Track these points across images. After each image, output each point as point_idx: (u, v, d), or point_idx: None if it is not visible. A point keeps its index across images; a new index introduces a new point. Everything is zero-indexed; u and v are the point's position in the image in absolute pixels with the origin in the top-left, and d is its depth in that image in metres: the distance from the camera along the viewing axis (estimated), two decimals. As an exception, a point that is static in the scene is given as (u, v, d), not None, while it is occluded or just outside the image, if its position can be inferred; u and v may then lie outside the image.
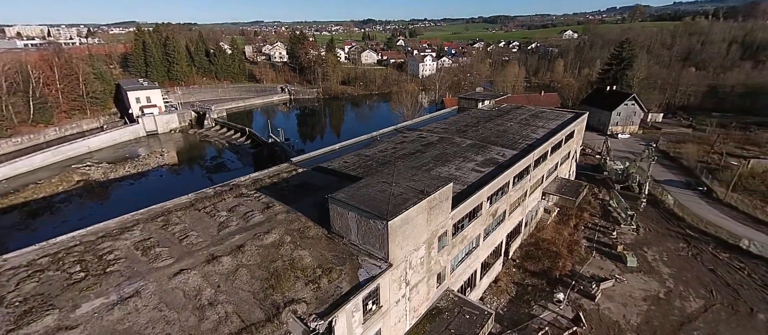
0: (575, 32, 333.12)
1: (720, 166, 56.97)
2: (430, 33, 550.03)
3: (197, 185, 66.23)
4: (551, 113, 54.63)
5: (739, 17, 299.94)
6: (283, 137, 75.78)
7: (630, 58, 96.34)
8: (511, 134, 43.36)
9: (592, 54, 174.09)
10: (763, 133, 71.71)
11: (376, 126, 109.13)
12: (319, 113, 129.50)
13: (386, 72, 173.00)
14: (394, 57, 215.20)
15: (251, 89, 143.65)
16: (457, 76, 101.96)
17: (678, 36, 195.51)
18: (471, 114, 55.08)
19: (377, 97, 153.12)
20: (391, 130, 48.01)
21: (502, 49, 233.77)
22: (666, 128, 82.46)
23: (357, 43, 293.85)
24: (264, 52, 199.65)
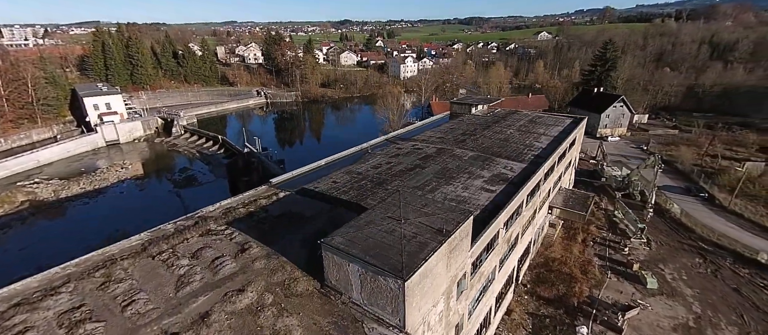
0: (549, 33, 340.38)
1: (716, 169, 55.88)
2: (408, 34, 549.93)
3: (162, 203, 59.30)
4: (549, 118, 51.71)
5: (701, 19, 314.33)
6: (260, 145, 69.73)
7: (613, 60, 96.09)
8: (513, 144, 39.77)
9: (571, 55, 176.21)
10: (748, 133, 72.07)
11: (359, 131, 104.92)
12: (298, 117, 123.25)
13: (367, 74, 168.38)
14: (374, 58, 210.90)
15: (224, 92, 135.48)
16: (442, 79, 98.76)
17: (649, 37, 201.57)
18: (465, 121, 51.39)
19: (359, 99, 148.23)
20: (382, 140, 43.47)
21: (481, 50, 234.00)
22: (652, 130, 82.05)
23: (335, 43, 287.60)
24: (237, 54, 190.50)
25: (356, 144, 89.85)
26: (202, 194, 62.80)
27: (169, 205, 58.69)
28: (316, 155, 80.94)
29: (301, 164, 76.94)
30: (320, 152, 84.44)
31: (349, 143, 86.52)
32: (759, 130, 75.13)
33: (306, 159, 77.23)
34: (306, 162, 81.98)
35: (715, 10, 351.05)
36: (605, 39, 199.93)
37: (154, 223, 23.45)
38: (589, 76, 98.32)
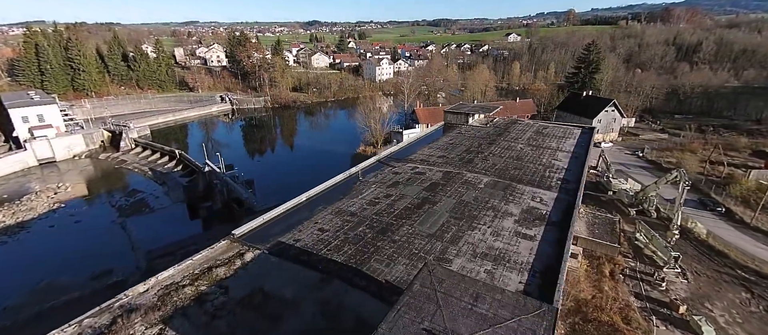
0: (519, 35, 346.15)
1: (721, 178, 52.95)
2: (378, 35, 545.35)
3: (101, 241, 48.37)
4: (556, 129, 46.38)
5: (657, 21, 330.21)
6: (223, 163, 60.17)
7: (597, 62, 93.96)
8: (530, 163, 33.65)
9: (545, 57, 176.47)
10: (738, 137, 70.96)
11: (337, 139, 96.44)
12: (268, 124, 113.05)
13: (341, 76, 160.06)
14: (348, 60, 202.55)
15: (184, 98, 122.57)
16: (424, 83, 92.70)
17: (617, 39, 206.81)
18: (465, 134, 45.03)
19: (334, 104, 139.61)
20: (374, 162, 36.11)
21: (455, 51, 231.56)
22: (642, 134, 79.91)
23: (305, 44, 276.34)
24: (199, 56, 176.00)
25: (334, 155, 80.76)
26: (153, 225, 52.84)
27: (110, 242, 48.21)
28: (290, 169, 72.06)
29: (274, 183, 66.60)
30: (295, 165, 75.76)
31: (326, 155, 78.39)
32: (748, 132, 74.65)
33: (279, 177, 68.31)
34: (280, 181, 71.35)
35: (670, 13, 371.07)
36: (576, 41, 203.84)
37: (85, 270, 14.79)
38: (572, 78, 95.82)
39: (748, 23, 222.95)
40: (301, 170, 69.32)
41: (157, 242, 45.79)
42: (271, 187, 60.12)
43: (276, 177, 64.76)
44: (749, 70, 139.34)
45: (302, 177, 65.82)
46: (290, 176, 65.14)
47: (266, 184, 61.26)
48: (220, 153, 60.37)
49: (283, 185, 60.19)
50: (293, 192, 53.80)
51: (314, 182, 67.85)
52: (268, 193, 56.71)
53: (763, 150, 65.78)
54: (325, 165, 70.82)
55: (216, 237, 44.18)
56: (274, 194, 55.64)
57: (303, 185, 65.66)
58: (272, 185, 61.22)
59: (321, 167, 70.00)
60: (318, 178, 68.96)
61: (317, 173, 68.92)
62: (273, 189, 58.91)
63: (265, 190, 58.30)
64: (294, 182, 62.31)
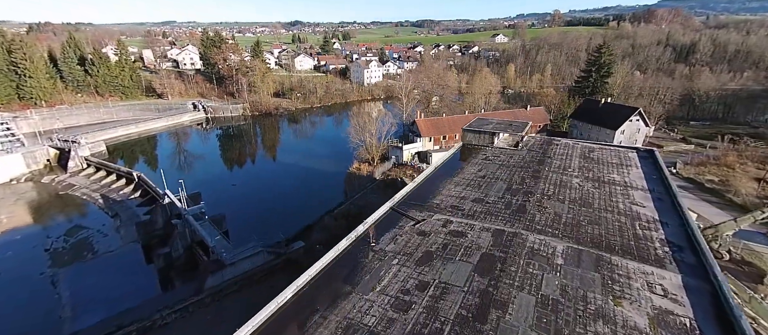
0: (506, 36, 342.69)
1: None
2: (363, 36, 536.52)
3: (20, 306, 36.43)
4: (604, 152, 37.27)
5: (641, 22, 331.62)
6: (184, 195, 48.78)
7: (609, 65, 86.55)
8: (605, 212, 24.16)
9: (540, 58, 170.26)
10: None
11: (326, 152, 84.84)
12: (246, 135, 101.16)
13: (327, 80, 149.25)
14: (333, 62, 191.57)
15: (151, 106, 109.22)
16: (423, 89, 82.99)
17: (610, 40, 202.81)
18: (494, 160, 35.42)
19: (320, 110, 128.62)
20: (386, 212, 25.94)
21: (445, 53, 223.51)
22: (666, 145, 72.49)
23: (288, 46, 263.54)
24: (170, 58, 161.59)
25: (323, 175, 69.02)
26: (95, 277, 41.67)
27: (30, 308, 36.54)
28: (272, 194, 60.20)
29: (253, 215, 54.34)
30: (278, 188, 63.34)
31: (314, 174, 66.90)
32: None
33: (259, 206, 55.66)
34: (260, 212, 58.71)
35: (653, 15, 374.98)
36: (570, 42, 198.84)
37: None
38: (583, 82, 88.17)
39: (736, 24, 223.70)
40: (285, 195, 58.37)
41: (95, 309, 34.57)
42: (249, 221, 49.06)
43: (255, 206, 53.67)
44: (747, 71, 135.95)
45: (287, 205, 54.80)
46: (272, 205, 54.15)
47: (242, 217, 50.10)
48: (181, 181, 48.75)
49: (263, 220, 49.29)
50: (274, 230, 42.26)
51: (300, 214, 54.97)
52: (245, 230, 45.68)
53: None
54: (314, 189, 60.10)
55: (176, 299, 32.24)
56: (253, 232, 44.74)
57: (287, 219, 53.20)
58: (250, 218, 50.14)
59: (309, 190, 59.28)
60: (304, 210, 56.46)
61: (304, 199, 58.10)
62: (251, 225, 47.93)
63: (240, 227, 47.19)
64: (276, 214, 51.30)
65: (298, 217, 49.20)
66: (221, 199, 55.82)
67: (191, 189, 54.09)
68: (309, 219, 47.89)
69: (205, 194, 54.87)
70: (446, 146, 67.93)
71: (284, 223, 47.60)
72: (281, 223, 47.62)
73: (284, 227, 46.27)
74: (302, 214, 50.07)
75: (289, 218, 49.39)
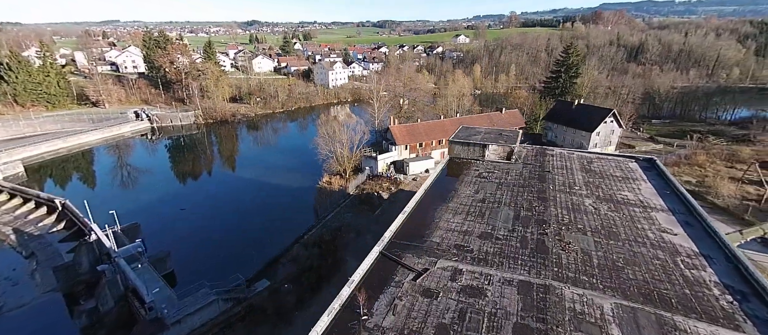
0: (467, 37, 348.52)
1: (764, 201, 45.07)
2: (324, 36, 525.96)
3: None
4: (603, 162, 34.19)
5: (589, 23, 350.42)
6: (118, 227, 40.22)
7: (577, 65, 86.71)
8: (637, 245, 20.33)
9: (504, 59, 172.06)
10: (742, 147, 66.00)
11: (290, 165, 75.84)
12: (200, 146, 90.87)
13: (290, 83, 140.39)
14: (295, 63, 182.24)
15: (83, 116, 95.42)
16: (394, 92, 77.82)
17: (566, 40, 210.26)
18: (489, 177, 31.06)
19: (283, 116, 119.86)
20: (375, 258, 20.37)
21: (410, 53, 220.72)
22: (638, 146, 73.00)
23: (245, 46, 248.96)
24: (109, 61, 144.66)
25: (289, 191, 62.27)
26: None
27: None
28: (230, 222, 51.11)
29: (205, 252, 45.76)
30: (237, 213, 54.21)
31: (278, 191, 59.17)
32: (733, 138, 70.67)
33: (214, 238, 43.71)
34: (214, 248, 49.97)
35: (600, 16, 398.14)
36: (530, 42, 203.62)
37: None
38: (552, 83, 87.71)
39: (675, 25, 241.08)
40: (246, 219, 50.80)
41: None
42: (201, 257, 41.32)
43: (209, 236, 45.73)
44: (692, 70, 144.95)
45: (248, 232, 47.25)
46: (230, 233, 46.51)
47: (193, 252, 42.16)
48: (116, 210, 40.22)
49: (218, 254, 41.74)
50: (232, 266, 35.48)
51: (264, 243, 47.47)
52: (196, 270, 38.06)
53: (764, 160, 60.86)
54: (280, 209, 53.03)
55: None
56: (206, 271, 37.27)
57: (248, 250, 45.03)
58: (202, 252, 42.32)
59: (273, 212, 52.15)
60: (268, 237, 48.66)
61: (269, 223, 50.49)
62: (203, 261, 40.31)
63: (190, 265, 39.41)
64: (235, 245, 43.65)
65: (262, 246, 42.25)
66: (167, 229, 47.31)
67: (129, 218, 45.33)
68: (275, 249, 41.12)
69: (146, 224, 46.24)
70: (423, 153, 63.53)
71: (245, 256, 40.52)
72: (241, 256, 40.49)
73: (245, 261, 39.25)
74: (266, 242, 43.16)
75: (250, 248, 42.29)
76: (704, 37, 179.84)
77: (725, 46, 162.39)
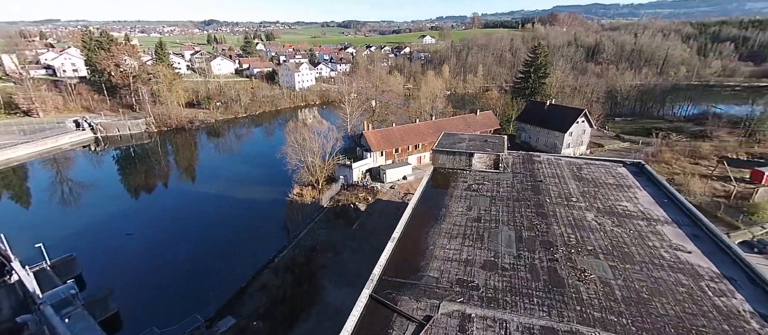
0: (433, 38, 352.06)
1: (732, 199, 46.32)
2: (288, 36, 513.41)
3: None
4: (592, 168, 32.80)
5: (547, 25, 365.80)
6: (47, 263, 33.87)
7: (545, 66, 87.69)
8: (652, 266, 18.39)
9: (471, 59, 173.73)
10: (701, 142, 68.85)
11: (256, 176, 69.17)
12: (153, 157, 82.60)
13: (253, 85, 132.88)
14: (258, 65, 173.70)
15: (12, 127, 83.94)
16: (370, 96, 73.93)
17: (527, 41, 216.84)
18: (480, 190, 28.57)
19: (246, 121, 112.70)
20: (365, 304, 16.83)
21: (377, 54, 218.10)
22: (606, 144, 74.48)
23: (202, 47, 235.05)
24: (44, 64, 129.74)
25: (254, 207, 58.77)
26: None
27: None
28: (187, 249, 43.02)
29: (159, 289, 39.60)
30: (195, 237, 46.36)
31: (242, 208, 53.83)
32: (691, 134, 73.98)
33: (169, 273, 35.44)
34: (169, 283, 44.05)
35: (556, 18, 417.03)
36: (494, 43, 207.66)
37: None
38: (522, 84, 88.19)
39: (625, 27, 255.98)
40: (206, 243, 45.33)
41: None
42: (152, 294, 35.72)
43: (162, 266, 39.92)
44: (644, 68, 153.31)
45: (208, 258, 41.74)
46: (187, 262, 40.95)
47: (142, 288, 36.35)
48: (41, 245, 33.80)
49: (173, 288, 36.34)
50: (191, 303, 30.77)
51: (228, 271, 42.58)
52: (145, 314, 32.64)
53: (726, 156, 63.82)
54: (246, 228, 47.89)
55: None
56: (158, 311, 32.05)
57: (209, 281, 40.26)
58: (154, 287, 36.65)
59: (239, 232, 46.93)
60: (233, 263, 43.82)
61: (233, 246, 44.76)
62: (155, 299, 34.82)
63: (137, 309, 33.80)
64: (193, 276, 38.20)
65: (226, 276, 37.34)
66: (111, 259, 40.94)
67: (64, 248, 38.66)
68: (241, 278, 36.37)
69: (86, 254, 39.74)
70: (400, 159, 60.60)
71: (205, 287, 35.44)
72: (200, 288, 35.38)
73: (205, 294, 34.18)
74: (231, 270, 38.26)
75: (212, 278, 37.24)
76: (652, 38, 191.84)
77: (672, 46, 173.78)
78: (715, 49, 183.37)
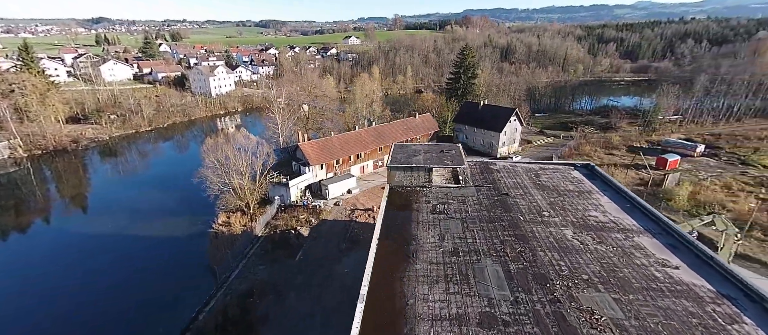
0: (358, 38, 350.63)
1: (647, 186, 50.88)
2: (198, 36, 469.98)
3: None
4: (548, 174, 31.94)
5: (462, 27, 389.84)
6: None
7: (474, 67, 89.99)
8: (650, 292, 16.82)
9: (399, 61, 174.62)
10: (611, 134, 76.07)
11: (167, 205, 55.68)
12: (25, 189, 64.88)
13: (157, 93, 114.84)
14: (163, 69, 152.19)
15: None
16: (300, 100, 66.45)
17: (448, 42, 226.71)
18: (443, 209, 25.40)
19: (152, 136, 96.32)
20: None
21: (301, 54, 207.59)
22: (535, 140, 78.58)
23: (89, 49, 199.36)
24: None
25: (172, 240, 49.37)
26: None
27: None
28: (80, 297, 33.13)
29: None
30: (90, 283, 36.32)
31: (155, 244, 43.65)
32: (600, 127, 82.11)
33: (46, 327, 27.03)
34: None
35: (469, 20, 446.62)
36: (419, 44, 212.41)
37: None
38: (453, 84, 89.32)
39: (529, 29, 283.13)
40: (102, 303, 35.19)
41: None
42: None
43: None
44: (549, 67, 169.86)
45: (109, 320, 32.26)
46: (78, 329, 30.80)
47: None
48: None
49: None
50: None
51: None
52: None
53: (632, 145, 71.56)
54: (158, 275, 38.50)
55: None
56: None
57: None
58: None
59: (148, 281, 37.39)
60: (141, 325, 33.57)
61: (140, 304, 34.61)
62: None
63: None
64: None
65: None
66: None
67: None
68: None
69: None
70: (341, 171, 55.46)
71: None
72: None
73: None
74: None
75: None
76: (553, 39, 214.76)
77: (570, 47, 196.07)
78: (602, 50, 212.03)
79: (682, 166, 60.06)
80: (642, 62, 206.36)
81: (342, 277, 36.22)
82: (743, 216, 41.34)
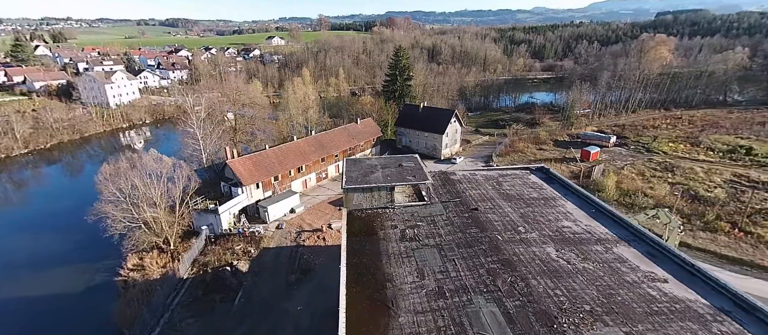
0: (282, 38, 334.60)
1: (579, 179, 54.25)
2: (88, 36, 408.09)
3: None
4: (508, 180, 30.81)
5: (386, 28, 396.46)
6: None
7: (408, 68, 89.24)
8: (654, 316, 15.66)
9: (330, 62, 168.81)
10: (538, 129, 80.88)
11: (60, 250, 42.23)
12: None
13: (35, 106, 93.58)
14: (41, 77, 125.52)
15: None
16: (226, 110, 56.93)
17: (376, 43, 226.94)
18: (413, 235, 22.36)
19: (30, 161, 77.53)
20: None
21: (220, 56, 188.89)
22: (474, 139, 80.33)
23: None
24: None
25: (60, 298, 38.44)
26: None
27: None
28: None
29: None
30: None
31: (34, 305, 32.44)
32: (527, 123, 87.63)
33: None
34: None
35: (393, 22, 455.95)
36: (348, 45, 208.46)
37: None
38: (389, 87, 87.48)
39: (450, 31, 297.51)
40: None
41: None
42: None
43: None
44: (473, 67, 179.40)
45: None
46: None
47: None
48: None
49: None
50: None
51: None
52: None
53: (557, 139, 77.00)
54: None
55: None
56: None
57: None
58: None
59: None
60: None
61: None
62: None
63: None
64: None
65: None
66: None
67: None
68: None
69: None
70: (282, 189, 49.22)
71: None
72: None
73: None
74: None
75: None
76: (472, 41, 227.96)
77: (489, 48, 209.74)
78: (515, 50, 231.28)
79: (601, 157, 65.87)
80: (548, 61, 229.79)
81: (296, 318, 31.09)
82: (662, 202, 45.75)
